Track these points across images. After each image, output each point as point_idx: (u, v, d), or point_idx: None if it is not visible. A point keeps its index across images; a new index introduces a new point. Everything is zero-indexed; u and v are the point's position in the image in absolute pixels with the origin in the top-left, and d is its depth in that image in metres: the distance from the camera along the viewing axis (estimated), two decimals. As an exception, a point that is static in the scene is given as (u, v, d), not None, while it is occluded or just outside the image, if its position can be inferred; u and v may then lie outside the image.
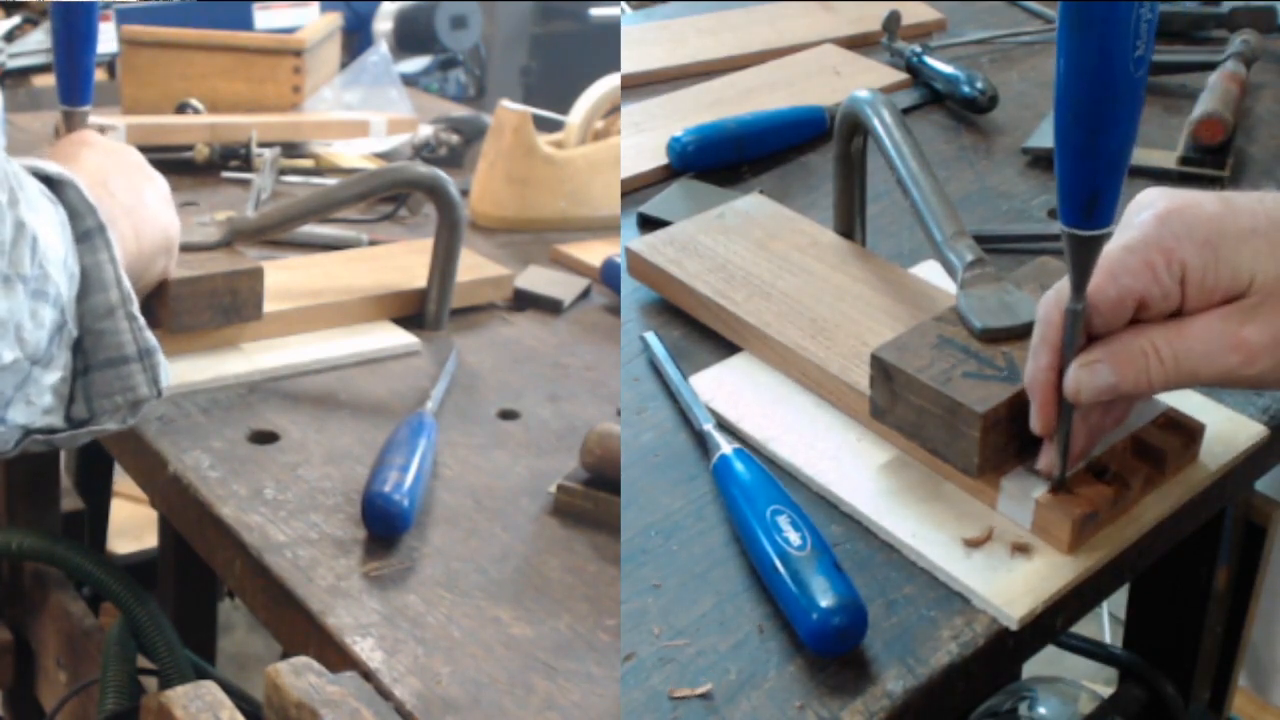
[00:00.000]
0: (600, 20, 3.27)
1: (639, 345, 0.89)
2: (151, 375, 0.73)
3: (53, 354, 0.69)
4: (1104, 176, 0.60)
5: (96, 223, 0.72)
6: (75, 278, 0.70)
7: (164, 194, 0.88)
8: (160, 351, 0.74)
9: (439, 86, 2.70)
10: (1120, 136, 0.58)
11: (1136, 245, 0.64)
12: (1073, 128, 0.59)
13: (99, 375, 0.72)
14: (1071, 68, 0.57)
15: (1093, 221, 0.61)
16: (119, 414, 0.73)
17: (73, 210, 0.71)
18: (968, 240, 0.81)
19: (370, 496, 0.75)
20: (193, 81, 1.56)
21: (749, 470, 0.73)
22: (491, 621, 0.70)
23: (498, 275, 1.12)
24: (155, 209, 0.85)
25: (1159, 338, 0.65)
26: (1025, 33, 1.45)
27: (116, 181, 0.82)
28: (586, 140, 1.33)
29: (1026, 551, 0.69)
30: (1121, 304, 0.65)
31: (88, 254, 0.71)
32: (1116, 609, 1.92)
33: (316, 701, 0.60)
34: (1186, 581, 1.17)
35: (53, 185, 0.71)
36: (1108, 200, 0.60)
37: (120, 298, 0.72)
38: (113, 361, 0.72)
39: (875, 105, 0.88)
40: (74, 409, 0.72)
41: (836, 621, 0.63)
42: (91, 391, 0.72)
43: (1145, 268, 0.64)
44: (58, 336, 0.69)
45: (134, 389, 0.73)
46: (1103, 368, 0.65)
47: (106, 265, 0.71)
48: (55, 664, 1.24)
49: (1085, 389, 0.65)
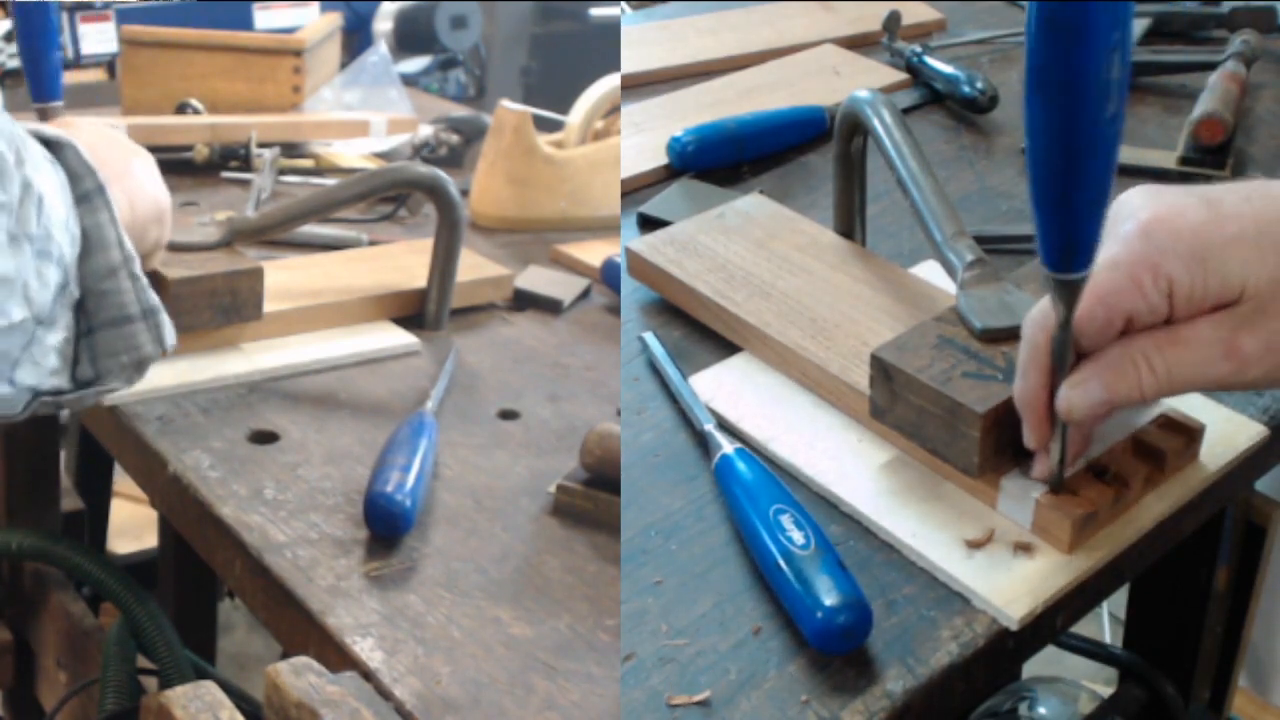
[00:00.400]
0: (600, 20, 3.27)
1: (639, 345, 0.89)
2: (155, 334, 0.74)
3: (56, 314, 0.69)
4: (1080, 226, 0.59)
5: (96, 184, 0.72)
6: (76, 239, 0.70)
7: (151, 167, 0.88)
8: (163, 310, 0.74)
9: (439, 86, 2.69)
10: (1094, 190, 0.57)
11: (1122, 263, 0.63)
12: (1046, 183, 0.58)
13: (103, 335, 0.72)
14: (1039, 130, 0.56)
15: (1073, 266, 0.60)
16: (125, 373, 0.73)
17: (72, 172, 0.71)
18: (968, 240, 0.81)
19: (372, 497, 0.75)
20: (193, 81, 1.56)
21: (751, 469, 0.73)
22: (491, 621, 0.70)
23: (498, 275, 1.12)
24: (144, 179, 0.85)
25: (1150, 348, 0.64)
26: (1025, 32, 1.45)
27: (104, 153, 0.81)
28: (586, 140, 1.33)
29: (1029, 550, 0.69)
30: (1110, 324, 0.64)
31: (88, 215, 0.71)
32: (1116, 609, 1.92)
33: (316, 701, 0.60)
34: (1186, 581, 1.17)
35: (51, 148, 0.71)
36: (1086, 247, 0.60)
37: (122, 258, 0.72)
38: (116, 321, 0.72)
39: (875, 105, 0.88)
40: (79, 370, 0.72)
41: (841, 620, 0.63)
42: (96, 351, 0.72)
43: (1132, 286, 0.63)
44: (60, 297, 0.69)
45: (139, 348, 0.73)
46: (1094, 384, 0.65)
47: (107, 226, 0.72)
48: (55, 664, 1.24)
49: (1077, 408, 0.65)
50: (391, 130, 1.55)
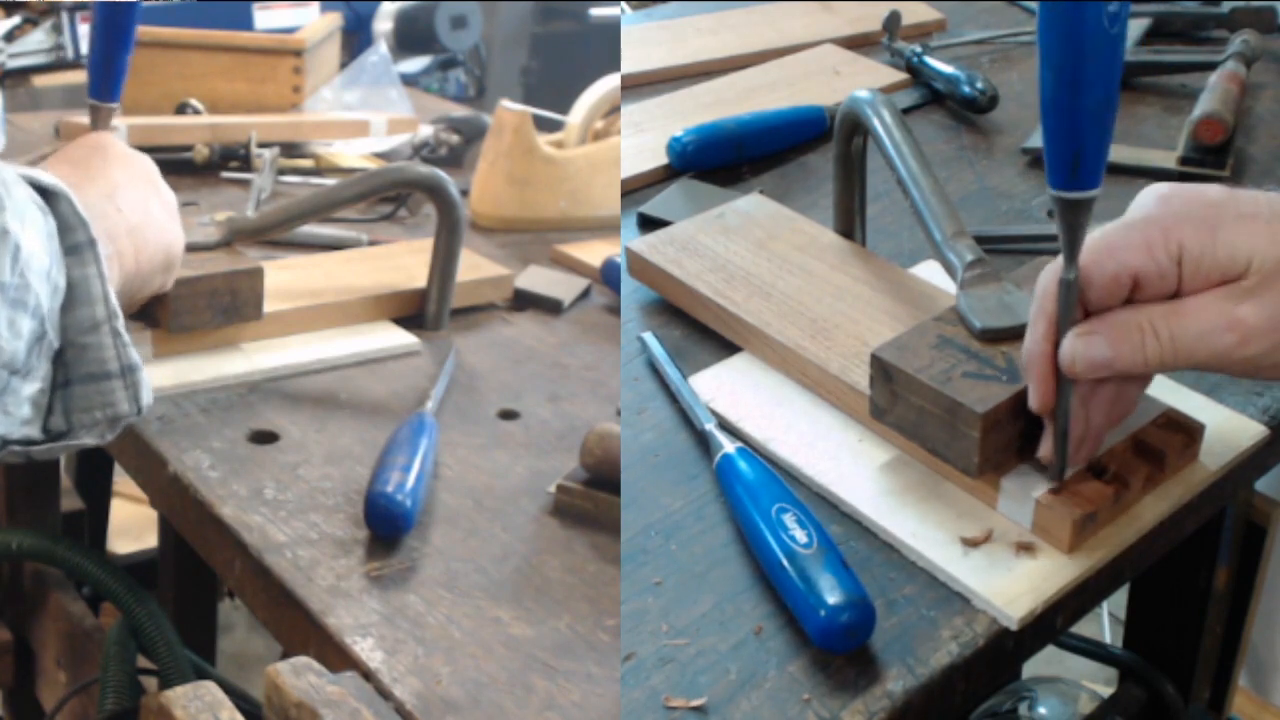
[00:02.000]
0: (600, 20, 3.27)
1: (639, 345, 0.89)
2: (133, 393, 0.73)
3: (32, 364, 0.68)
4: (1087, 134, 0.60)
5: (87, 237, 0.71)
6: (60, 289, 0.69)
7: (172, 209, 0.87)
8: (143, 369, 0.73)
9: (439, 86, 2.69)
10: (1100, 93, 0.59)
11: (1136, 223, 0.65)
12: (1053, 87, 0.59)
13: (79, 389, 0.71)
14: (1048, 28, 0.58)
15: (1078, 182, 0.61)
16: (97, 429, 0.72)
17: (64, 223, 0.70)
18: (968, 240, 0.81)
19: (373, 497, 0.75)
20: (193, 81, 1.56)
21: (753, 469, 0.73)
22: (491, 621, 0.70)
23: (498, 275, 1.12)
24: (160, 225, 0.84)
25: (1156, 316, 0.64)
26: (1025, 33, 1.45)
27: (125, 196, 0.81)
28: (586, 140, 1.33)
29: (1031, 550, 0.69)
30: (1118, 280, 0.64)
31: (76, 267, 0.70)
32: (1116, 609, 1.92)
33: (316, 701, 0.60)
34: (1186, 581, 1.17)
35: (46, 195, 0.70)
36: (1092, 160, 0.61)
37: (106, 313, 0.71)
38: (94, 376, 0.71)
39: (875, 105, 0.88)
40: (52, 421, 0.71)
41: (844, 619, 0.63)
42: (71, 405, 0.71)
43: (1143, 244, 0.64)
44: (37, 347, 0.68)
45: (114, 405, 0.72)
46: (1099, 340, 0.65)
47: (94, 280, 0.71)
48: (55, 664, 1.24)
49: (1080, 360, 0.65)
50: (391, 130, 1.55)
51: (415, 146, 1.54)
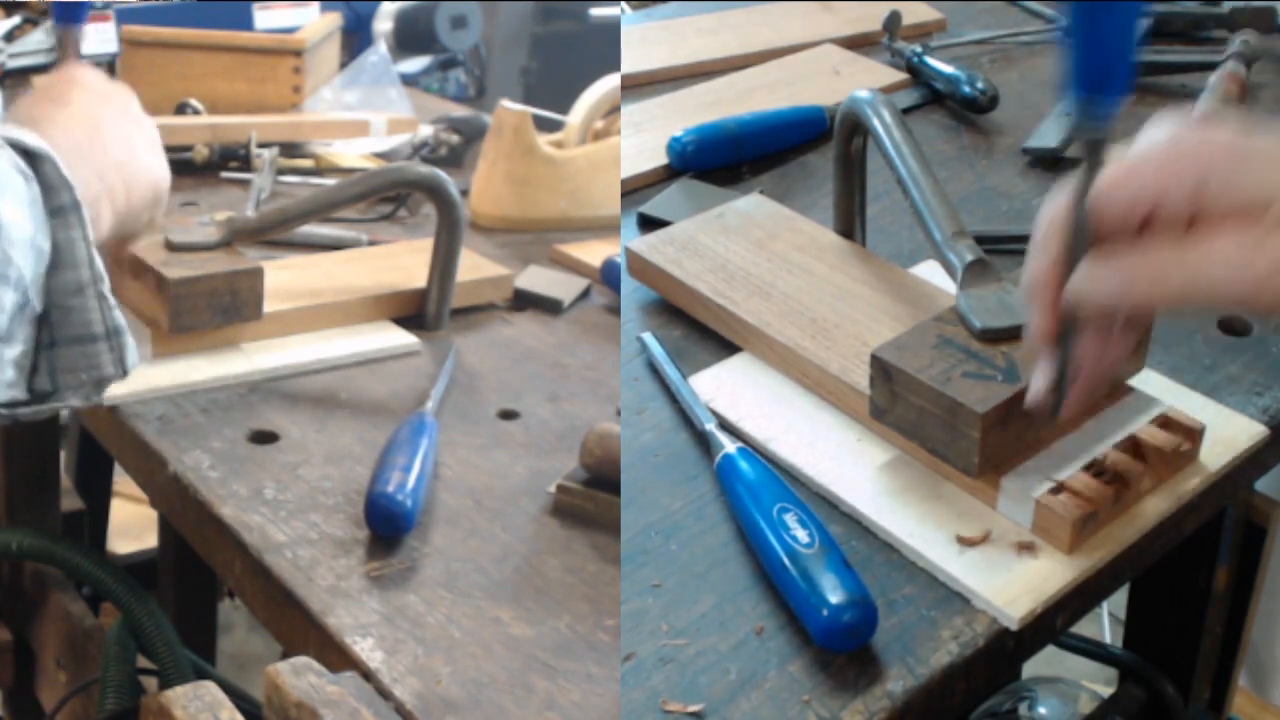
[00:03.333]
0: (600, 20, 3.27)
1: (639, 345, 0.89)
2: (118, 355, 0.72)
3: (13, 331, 0.68)
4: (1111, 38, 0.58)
5: (72, 199, 0.70)
6: (45, 254, 0.69)
7: (154, 141, 0.86)
8: (128, 332, 0.73)
9: (439, 86, 2.69)
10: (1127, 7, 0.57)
11: (1159, 143, 0.61)
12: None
13: (65, 351, 0.71)
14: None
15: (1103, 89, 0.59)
16: (83, 390, 0.72)
17: (48, 184, 0.70)
18: (968, 240, 0.81)
19: (373, 497, 0.75)
20: (193, 81, 1.56)
21: (754, 469, 0.73)
22: (491, 621, 0.70)
23: (498, 275, 1.12)
24: (146, 159, 0.84)
25: (1169, 253, 0.60)
26: (1025, 33, 1.45)
27: (110, 132, 0.81)
28: (586, 140, 1.33)
29: (1031, 550, 0.69)
30: (1132, 209, 0.60)
31: (61, 230, 0.70)
32: (1116, 609, 1.92)
33: (316, 701, 0.60)
34: (1186, 581, 1.17)
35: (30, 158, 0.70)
36: (1116, 67, 0.58)
37: (91, 276, 0.71)
38: (80, 339, 0.71)
39: (875, 105, 0.88)
40: (37, 381, 0.71)
41: (847, 618, 0.63)
42: (56, 366, 0.71)
43: (1156, 172, 0.60)
44: (19, 315, 0.68)
45: (99, 367, 0.72)
46: (1110, 275, 0.60)
47: (79, 243, 0.70)
48: (55, 664, 1.24)
49: (1089, 295, 0.61)
50: (391, 130, 1.55)
51: (415, 146, 1.54)
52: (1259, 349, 0.88)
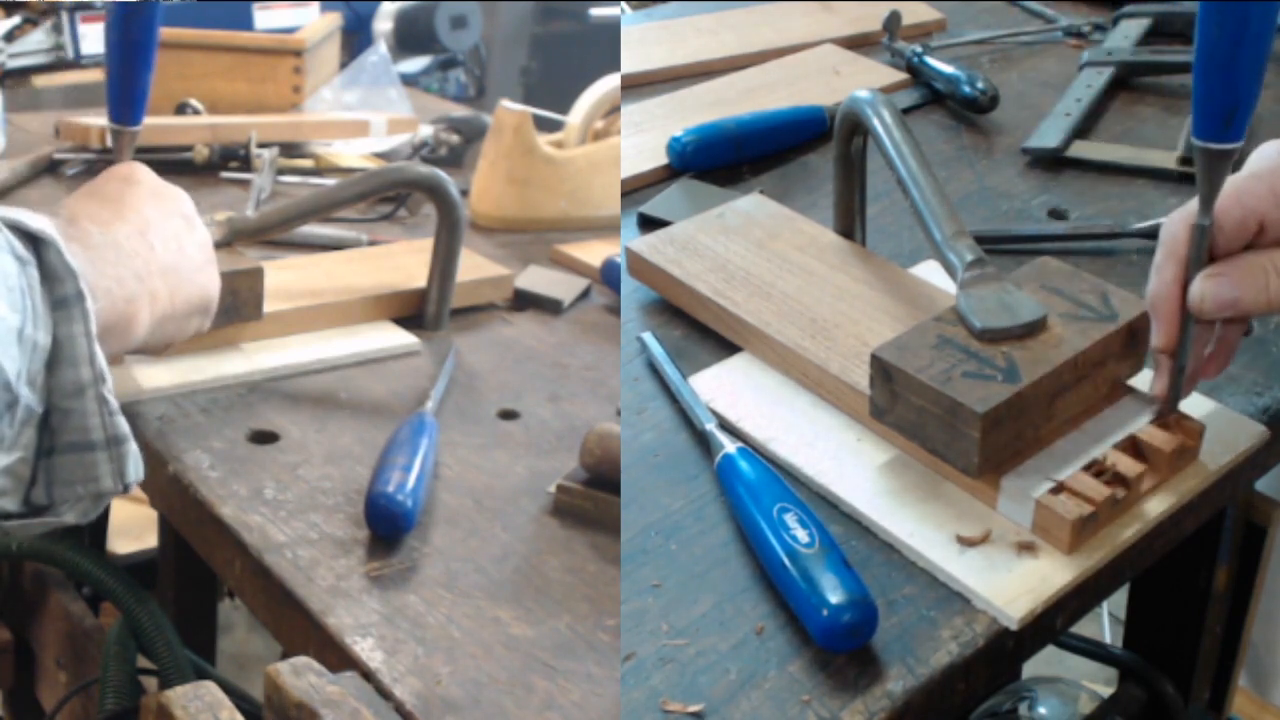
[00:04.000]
0: (600, 20, 3.27)
1: (639, 345, 0.89)
2: (118, 466, 0.67)
3: (3, 433, 0.62)
4: (1244, 88, 0.64)
5: (75, 290, 0.65)
6: (41, 348, 0.63)
7: (205, 245, 0.83)
8: (131, 440, 0.68)
9: (439, 86, 2.69)
10: (1260, 49, 0.63)
11: (1263, 172, 0.69)
12: (1217, 42, 0.62)
13: (62, 459, 0.65)
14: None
15: (1229, 134, 0.65)
16: (80, 505, 0.67)
17: (50, 273, 0.65)
18: (968, 240, 0.81)
19: (374, 497, 0.75)
20: (193, 81, 1.56)
21: (754, 469, 0.73)
22: (491, 621, 0.70)
23: (498, 275, 1.12)
24: (196, 265, 0.80)
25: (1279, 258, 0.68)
26: (1025, 33, 1.45)
27: (158, 233, 0.77)
28: (586, 140, 1.33)
29: (1031, 550, 0.69)
30: (1244, 225, 0.68)
31: (62, 323, 0.64)
32: (1116, 609, 1.92)
33: (316, 701, 0.60)
34: (1186, 581, 1.17)
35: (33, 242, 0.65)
36: (1244, 112, 0.65)
37: (92, 376, 0.65)
38: (76, 446, 0.65)
39: (875, 105, 0.88)
40: (34, 493, 0.65)
41: (847, 618, 0.63)
42: (53, 477, 0.65)
43: (1269, 193, 0.68)
44: (7, 415, 0.62)
45: (97, 480, 0.66)
46: (1226, 282, 0.68)
47: (80, 338, 0.65)
48: (55, 664, 1.24)
49: (1209, 300, 0.69)
50: (391, 130, 1.55)
51: (415, 146, 1.54)
52: (1259, 349, 0.88)
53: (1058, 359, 0.72)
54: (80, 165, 1.37)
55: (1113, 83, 1.28)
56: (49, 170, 1.37)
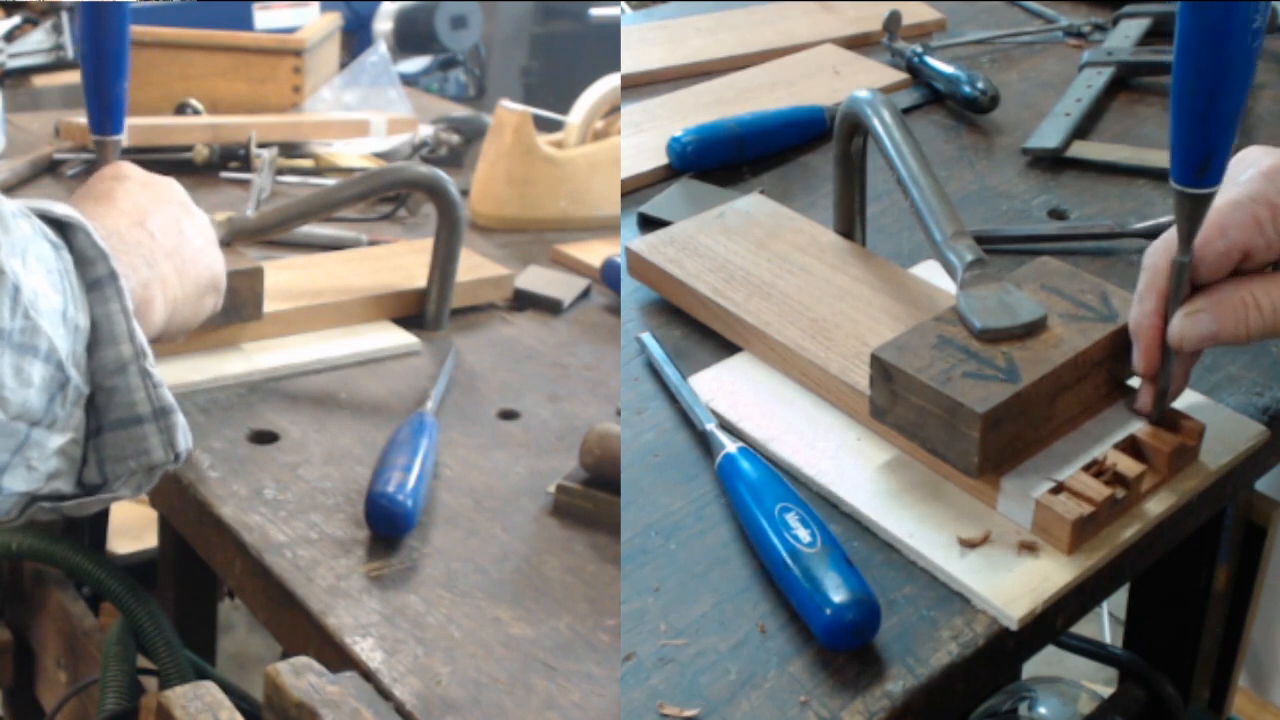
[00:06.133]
0: (600, 20, 3.27)
1: (639, 345, 0.89)
2: (167, 437, 0.68)
3: (56, 414, 0.63)
4: (1217, 139, 0.64)
5: (108, 270, 0.66)
6: (82, 330, 0.65)
7: (206, 231, 0.83)
8: (178, 411, 0.68)
9: (439, 86, 2.69)
10: (1235, 102, 0.63)
11: (1244, 201, 0.68)
12: (1192, 94, 0.62)
13: (111, 437, 0.66)
14: (1192, 40, 0.61)
15: (1204, 180, 0.65)
16: (134, 479, 0.67)
17: (82, 256, 0.66)
18: (968, 240, 0.81)
19: (374, 497, 0.75)
20: (193, 81, 1.56)
21: (755, 468, 0.73)
22: (491, 621, 0.70)
23: (498, 275, 1.12)
24: (198, 247, 0.81)
25: (1259, 289, 0.68)
26: (1025, 33, 1.45)
27: (156, 220, 0.78)
28: (586, 140, 1.33)
29: (1032, 550, 0.69)
30: (1228, 256, 0.68)
31: (98, 304, 0.65)
32: (1116, 609, 1.92)
33: (316, 701, 0.60)
34: (1186, 581, 1.17)
35: (61, 229, 0.66)
36: (1219, 161, 0.65)
37: (133, 352, 0.66)
38: (124, 422, 0.66)
39: (875, 105, 0.88)
40: (86, 473, 0.66)
41: (851, 616, 0.63)
42: (104, 454, 0.66)
43: (1252, 222, 0.68)
44: (59, 395, 0.63)
45: (148, 452, 0.67)
46: (1205, 317, 0.69)
47: (118, 316, 0.66)
48: (55, 664, 1.24)
49: (1188, 337, 0.69)
50: (391, 130, 1.55)
51: (415, 146, 1.54)
52: (1259, 349, 0.88)
53: (1058, 359, 0.72)
54: (80, 165, 1.37)
55: (1113, 83, 1.28)
56: (49, 170, 1.37)
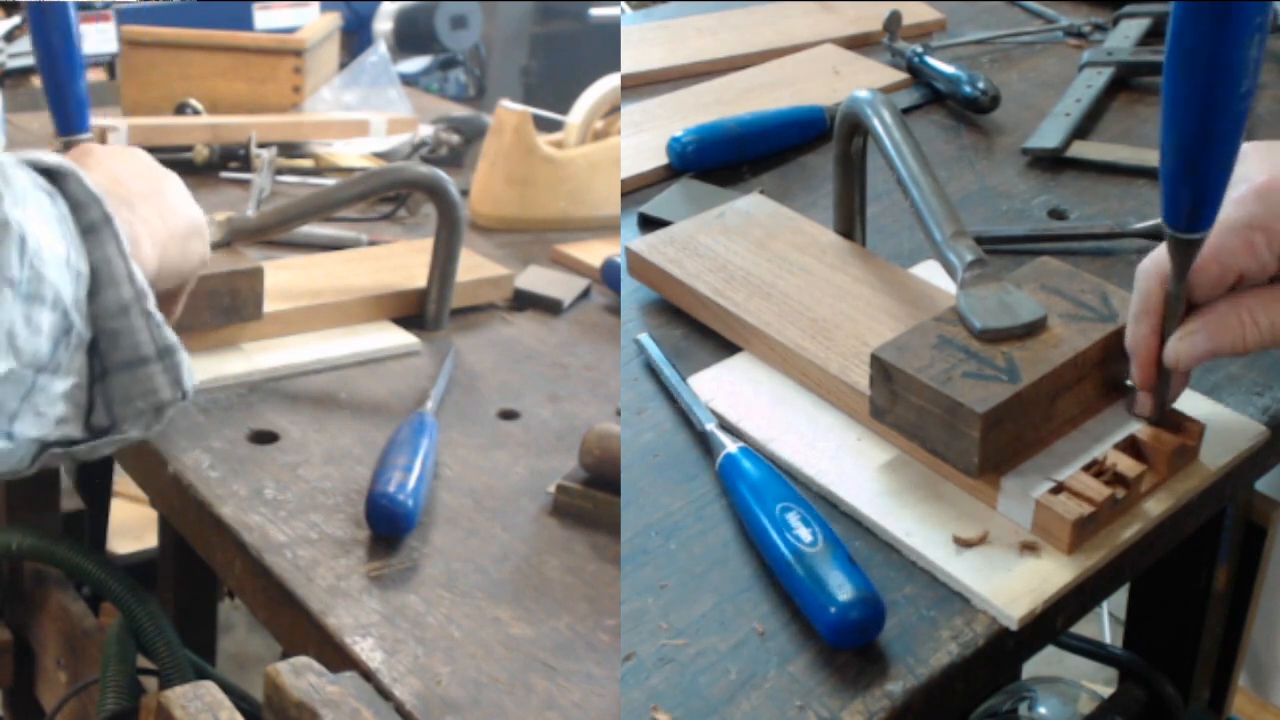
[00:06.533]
0: (600, 20, 3.27)
1: (638, 345, 0.89)
2: (173, 375, 0.68)
3: (60, 360, 0.64)
4: (1206, 192, 0.64)
5: (102, 214, 0.66)
6: (83, 275, 0.65)
7: (179, 186, 0.84)
8: (182, 349, 0.69)
9: (439, 86, 2.69)
10: (1223, 159, 0.63)
11: (1239, 225, 0.68)
12: (1180, 152, 0.63)
13: (117, 379, 0.67)
14: (1179, 105, 0.61)
15: (1195, 226, 0.66)
16: (142, 419, 0.68)
17: (75, 202, 0.66)
18: (968, 240, 0.81)
19: (374, 497, 0.75)
20: (193, 82, 1.56)
21: (757, 468, 0.73)
22: (491, 621, 0.70)
23: (498, 275, 1.12)
24: (172, 191, 0.81)
25: (1255, 305, 0.69)
26: (1025, 33, 1.45)
27: (125, 172, 0.78)
28: (586, 140, 1.33)
29: (1033, 550, 0.69)
30: (1222, 280, 0.69)
31: (95, 248, 0.66)
32: (1116, 609, 1.92)
33: (316, 701, 0.60)
34: (1186, 581, 1.17)
35: (52, 178, 0.66)
36: (1209, 211, 0.65)
37: (134, 294, 0.66)
38: (130, 364, 0.67)
39: (875, 105, 0.88)
40: (94, 416, 0.67)
41: (855, 615, 0.63)
42: (111, 397, 0.67)
43: (1245, 246, 0.68)
44: (64, 340, 0.64)
45: (155, 391, 0.67)
46: (1200, 338, 0.70)
47: (116, 259, 0.66)
48: (55, 664, 1.24)
49: (1184, 358, 0.70)
50: (391, 130, 1.55)
51: (415, 146, 1.54)
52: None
53: (1058, 359, 0.72)
54: (80, 165, 1.37)
55: (1113, 83, 1.28)
56: (49, 170, 1.37)
